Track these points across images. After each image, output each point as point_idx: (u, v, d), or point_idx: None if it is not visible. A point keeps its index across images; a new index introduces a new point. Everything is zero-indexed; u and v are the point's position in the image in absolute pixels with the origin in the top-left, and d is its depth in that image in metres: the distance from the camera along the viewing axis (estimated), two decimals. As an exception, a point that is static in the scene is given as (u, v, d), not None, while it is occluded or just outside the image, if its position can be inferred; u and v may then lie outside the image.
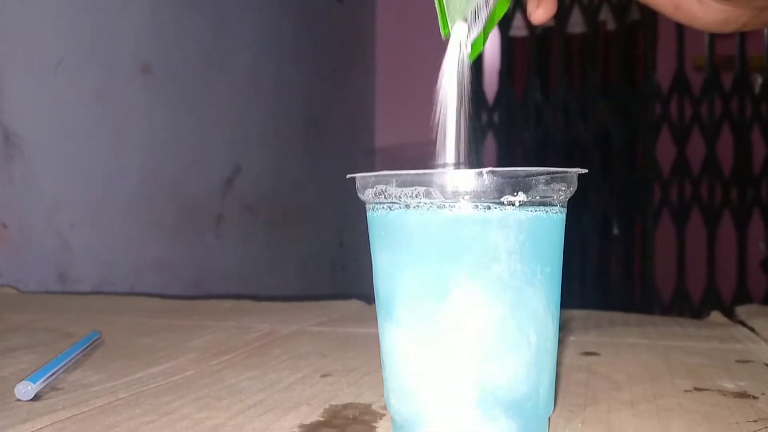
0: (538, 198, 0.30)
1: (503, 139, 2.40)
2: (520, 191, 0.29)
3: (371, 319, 0.41)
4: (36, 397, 0.39)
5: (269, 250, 1.75)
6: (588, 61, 2.36)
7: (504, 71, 2.40)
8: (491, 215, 0.29)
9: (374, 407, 0.38)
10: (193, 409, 0.37)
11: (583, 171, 0.31)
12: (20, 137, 1.00)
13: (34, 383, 0.39)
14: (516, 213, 0.29)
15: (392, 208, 0.31)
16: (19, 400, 0.39)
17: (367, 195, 0.32)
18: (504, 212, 0.29)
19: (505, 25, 2.39)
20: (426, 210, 0.30)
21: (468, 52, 0.34)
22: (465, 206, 0.29)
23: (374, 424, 0.35)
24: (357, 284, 2.11)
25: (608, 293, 2.33)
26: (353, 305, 0.75)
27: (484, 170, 0.29)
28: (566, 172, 0.31)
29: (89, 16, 1.13)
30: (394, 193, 0.30)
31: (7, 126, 0.99)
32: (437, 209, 0.29)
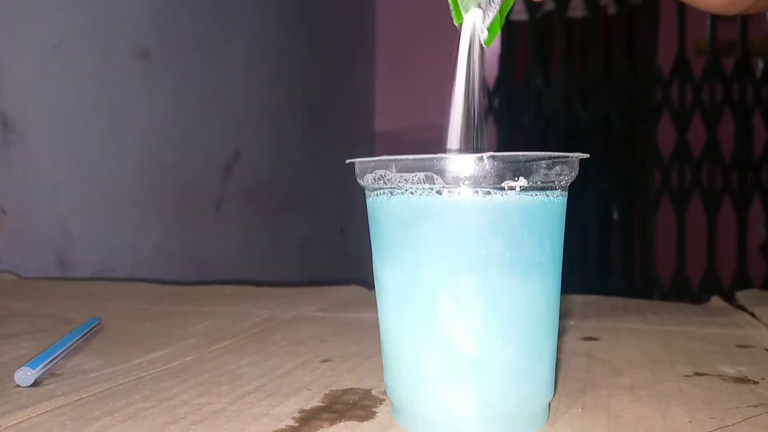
0: (539, 183, 0.30)
1: (504, 124, 2.39)
2: (521, 176, 0.29)
3: (371, 305, 0.41)
4: (35, 383, 0.39)
5: (269, 236, 1.75)
6: (589, 46, 2.35)
7: (504, 56, 2.39)
8: (492, 200, 0.29)
9: (374, 392, 0.38)
10: (193, 395, 0.37)
11: (585, 156, 0.31)
12: (19, 123, 1.00)
13: (34, 369, 0.39)
14: (517, 197, 0.29)
15: (393, 194, 0.31)
16: (19, 386, 0.39)
17: (367, 180, 0.31)
18: (505, 197, 0.29)
19: (505, 10, 2.37)
20: (426, 195, 0.29)
21: (485, 37, 0.34)
22: (466, 191, 0.29)
23: (374, 409, 0.35)
24: (357, 270, 2.11)
25: (608, 278, 2.33)
26: (353, 291, 0.75)
27: (485, 155, 0.29)
28: (568, 157, 0.30)
29: (87, 0, 1.13)
30: (394, 179, 0.30)
31: (6, 112, 0.98)
32: (437, 194, 0.29)
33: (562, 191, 0.31)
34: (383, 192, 0.31)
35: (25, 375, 0.39)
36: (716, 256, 2.28)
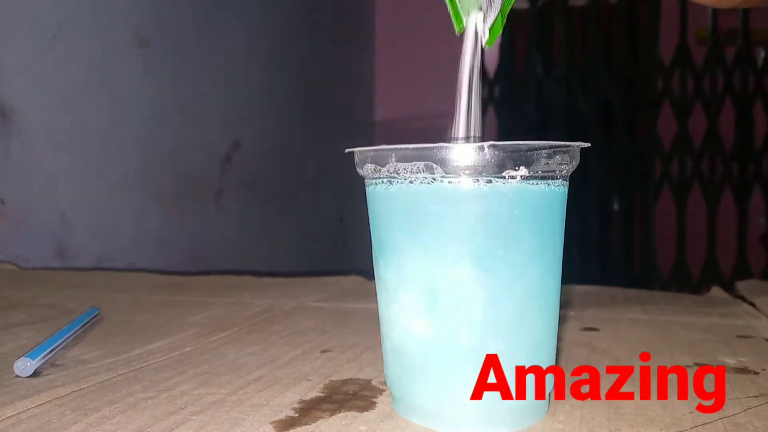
0: (540, 172, 0.29)
1: (504, 113, 2.38)
2: (522, 165, 0.29)
3: (371, 295, 0.40)
4: (35, 374, 0.39)
5: (269, 225, 1.75)
6: (589, 34, 2.34)
7: (504, 44, 2.38)
8: (492, 189, 0.29)
9: (374, 383, 0.38)
10: (193, 385, 0.37)
11: (586, 145, 0.31)
12: (17, 112, 1.00)
13: (33, 359, 0.39)
14: (517, 187, 0.29)
15: (392, 183, 0.30)
16: (18, 377, 0.39)
17: (366, 170, 0.31)
18: (505, 186, 0.29)
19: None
20: (426, 185, 0.29)
21: (486, 40, 0.33)
22: (466, 181, 0.29)
23: (374, 400, 0.35)
24: (357, 260, 2.11)
25: (608, 268, 2.33)
26: (353, 281, 0.75)
27: (486, 144, 0.28)
28: (569, 146, 0.30)
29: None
30: (394, 168, 0.30)
31: (4, 101, 0.98)
32: (438, 184, 0.29)
33: (563, 180, 0.31)
34: (383, 181, 0.31)
35: (25, 365, 0.39)
36: (716, 247, 2.28)
